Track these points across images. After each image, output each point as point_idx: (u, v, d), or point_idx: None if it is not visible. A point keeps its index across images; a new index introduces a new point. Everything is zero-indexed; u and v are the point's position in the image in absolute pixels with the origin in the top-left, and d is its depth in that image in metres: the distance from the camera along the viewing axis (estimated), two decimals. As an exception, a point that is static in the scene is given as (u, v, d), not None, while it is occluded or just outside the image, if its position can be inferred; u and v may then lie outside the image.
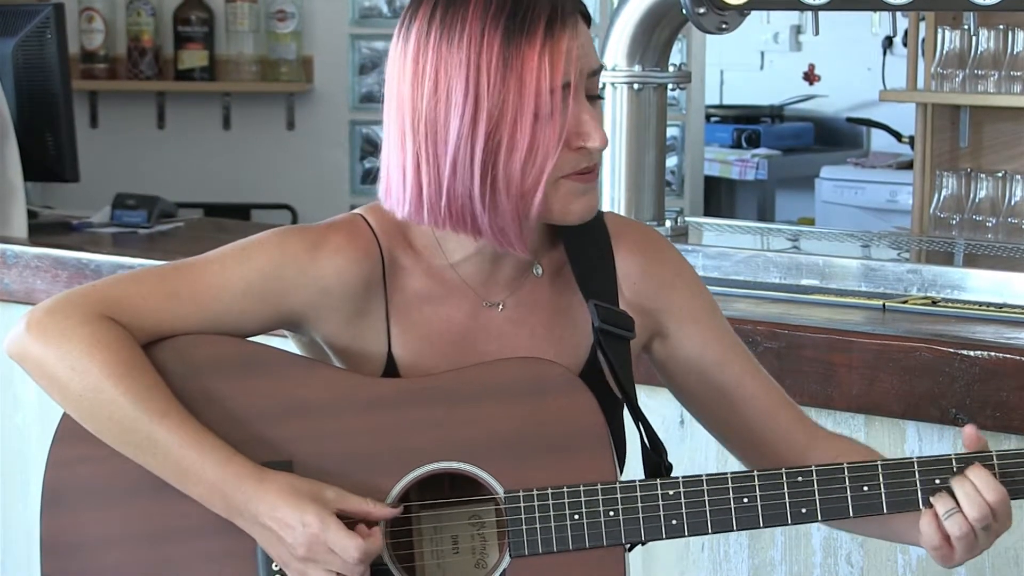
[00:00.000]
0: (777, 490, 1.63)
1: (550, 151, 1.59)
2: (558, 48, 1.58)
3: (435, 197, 1.62)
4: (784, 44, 6.64)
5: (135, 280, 1.68)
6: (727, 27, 2.68)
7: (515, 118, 1.58)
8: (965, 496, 1.62)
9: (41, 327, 1.63)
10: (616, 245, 1.75)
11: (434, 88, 1.60)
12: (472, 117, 1.58)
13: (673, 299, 1.76)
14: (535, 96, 1.57)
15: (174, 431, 1.61)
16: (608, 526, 1.63)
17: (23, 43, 3.33)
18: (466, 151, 1.59)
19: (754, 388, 1.77)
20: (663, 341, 1.77)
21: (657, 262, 1.77)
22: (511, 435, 1.64)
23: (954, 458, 1.64)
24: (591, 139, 1.61)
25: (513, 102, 1.58)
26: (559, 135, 1.59)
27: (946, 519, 1.62)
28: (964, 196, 4.26)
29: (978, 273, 2.46)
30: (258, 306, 1.67)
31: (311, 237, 1.68)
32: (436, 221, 1.64)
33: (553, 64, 1.58)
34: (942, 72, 4.31)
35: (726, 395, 1.77)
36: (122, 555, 1.66)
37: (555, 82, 1.58)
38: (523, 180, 1.59)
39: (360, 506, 1.61)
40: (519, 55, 1.58)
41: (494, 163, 1.59)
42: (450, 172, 1.60)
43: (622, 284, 1.75)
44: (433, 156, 1.61)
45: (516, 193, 1.60)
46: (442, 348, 1.70)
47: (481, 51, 1.58)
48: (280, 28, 5.44)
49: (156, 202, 3.37)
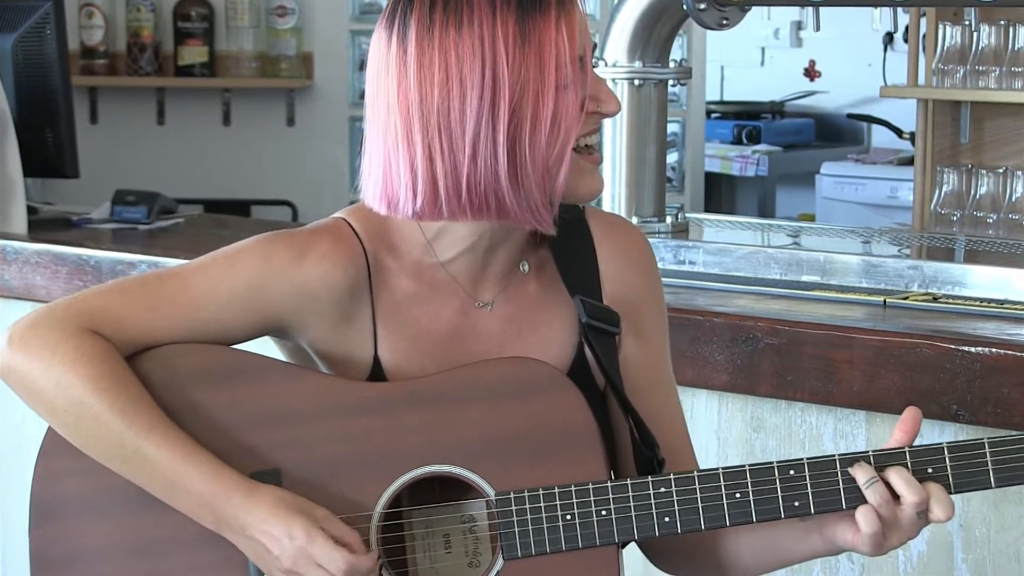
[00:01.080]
0: (769, 484, 1.62)
1: (573, 121, 1.61)
2: (572, 20, 1.61)
3: (453, 187, 1.61)
4: (785, 40, 6.64)
5: (118, 291, 1.67)
6: (728, 23, 2.68)
7: (537, 92, 1.59)
8: (903, 483, 1.60)
9: (24, 342, 1.62)
10: (598, 242, 1.76)
11: (445, 77, 1.59)
12: (492, 98, 1.59)
13: (639, 312, 1.76)
14: (555, 69, 1.60)
15: (161, 445, 1.60)
16: (600, 525, 1.62)
17: (23, 39, 3.33)
18: (487, 133, 1.59)
19: (669, 424, 1.77)
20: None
21: (637, 268, 1.77)
22: (501, 436, 1.63)
23: (946, 447, 1.63)
24: (607, 104, 1.65)
25: (535, 77, 1.59)
26: (580, 104, 1.61)
27: (867, 488, 1.60)
28: (965, 192, 4.26)
29: (979, 269, 2.46)
30: (243, 314, 1.66)
31: (296, 244, 1.67)
32: (454, 213, 1.63)
33: (570, 35, 1.61)
34: (943, 68, 4.31)
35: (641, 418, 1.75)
36: (112, 568, 1.65)
37: (573, 53, 1.61)
38: (548, 153, 1.61)
39: (343, 535, 1.59)
40: (536, 30, 1.60)
41: (518, 140, 1.60)
42: (470, 158, 1.60)
43: (604, 280, 1.75)
44: (448, 146, 1.60)
45: (542, 167, 1.61)
46: (429, 348, 1.69)
47: (496, 30, 1.59)
48: (280, 24, 5.44)
49: (156, 198, 3.37)
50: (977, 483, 1.62)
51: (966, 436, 2.12)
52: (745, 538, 1.72)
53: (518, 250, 1.72)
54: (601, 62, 2.70)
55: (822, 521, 1.65)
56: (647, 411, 1.74)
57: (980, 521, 2.12)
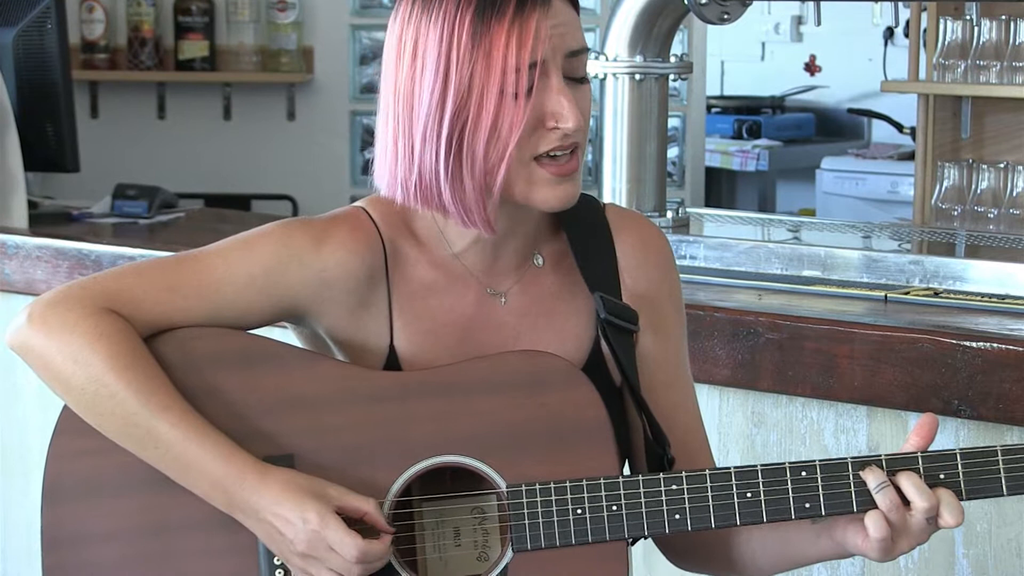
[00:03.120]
0: (781, 485, 1.62)
1: (514, 130, 1.58)
2: (527, 26, 1.57)
3: (407, 172, 1.62)
4: (785, 35, 6.64)
5: (137, 272, 1.67)
6: (729, 18, 2.68)
7: (481, 95, 1.57)
8: (913, 487, 1.60)
9: (43, 319, 1.62)
10: (617, 238, 1.75)
11: (411, 62, 1.61)
12: (442, 92, 1.58)
13: (657, 307, 1.76)
14: (501, 74, 1.57)
15: (176, 425, 1.60)
16: (611, 520, 1.62)
17: (24, 33, 3.33)
18: (434, 126, 1.59)
19: (684, 421, 1.77)
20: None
21: (654, 265, 1.77)
22: (513, 428, 1.63)
23: (959, 453, 1.62)
24: (564, 120, 1.60)
25: (480, 78, 1.57)
26: (523, 114, 1.58)
27: (877, 492, 1.60)
28: (965, 187, 4.26)
29: (980, 264, 2.46)
30: (260, 299, 1.67)
31: (314, 231, 1.68)
32: (407, 198, 1.64)
33: (521, 42, 1.57)
34: (944, 63, 4.31)
35: (657, 415, 1.74)
36: (123, 548, 1.65)
37: (522, 60, 1.57)
38: (487, 157, 1.59)
39: (359, 505, 1.60)
40: (488, 32, 1.57)
41: (459, 139, 1.59)
42: (420, 147, 1.61)
43: (623, 276, 1.75)
44: (408, 131, 1.61)
45: (480, 170, 1.59)
46: (444, 339, 1.69)
47: (454, 26, 1.58)
48: (280, 18, 5.44)
49: (157, 192, 3.37)
50: (988, 490, 1.61)
51: (968, 431, 2.12)
52: (758, 538, 1.72)
53: (528, 242, 1.72)
54: (602, 56, 2.70)
55: (832, 524, 1.65)
56: (664, 408, 1.74)
57: (981, 517, 2.12)
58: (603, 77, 2.71)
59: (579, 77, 1.63)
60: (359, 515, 1.60)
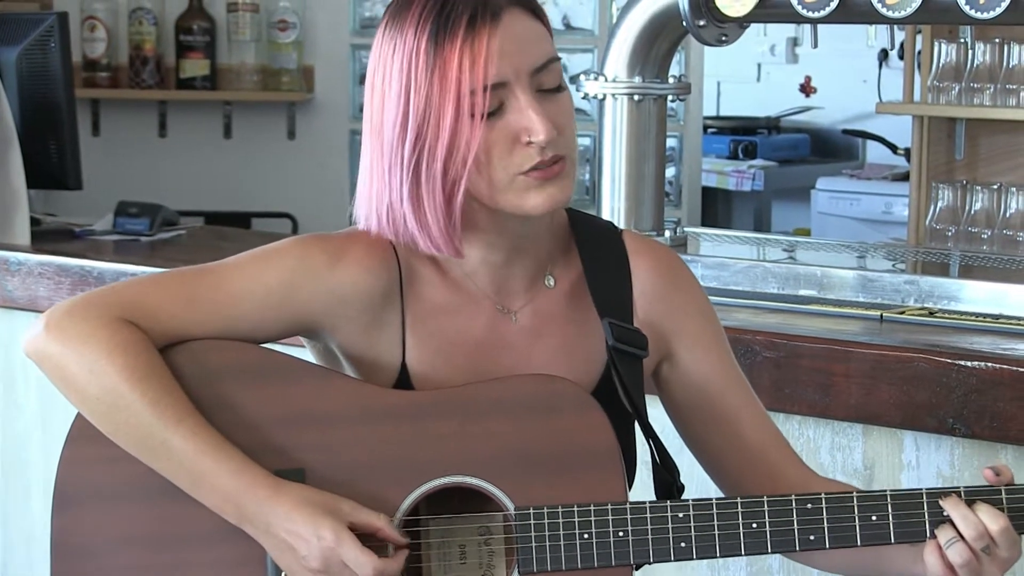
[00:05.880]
0: (786, 516, 1.62)
1: (470, 152, 1.58)
2: (479, 46, 1.57)
3: (379, 201, 1.65)
4: (781, 56, 6.66)
5: (154, 284, 1.68)
6: (727, 39, 2.70)
7: (438, 118, 1.58)
8: (962, 519, 1.61)
9: (60, 328, 1.63)
10: (634, 263, 1.75)
11: (380, 89, 1.62)
12: (403, 118, 1.60)
13: (686, 324, 1.76)
14: (456, 97, 1.57)
15: (189, 438, 1.61)
16: (617, 546, 1.62)
17: (27, 51, 3.34)
18: (397, 152, 1.61)
19: (750, 421, 1.77)
20: (671, 363, 1.77)
21: (673, 286, 1.77)
22: (523, 451, 1.64)
23: (963, 491, 1.64)
24: (535, 134, 1.59)
25: (437, 103, 1.58)
26: (479, 136, 1.57)
27: (948, 548, 1.61)
28: (960, 208, 4.28)
29: (975, 284, 2.47)
30: (275, 313, 1.68)
31: (332, 247, 1.69)
32: (381, 228, 1.65)
33: (473, 63, 1.57)
34: (938, 85, 4.33)
35: (721, 424, 1.76)
36: (132, 558, 1.66)
37: (475, 82, 1.57)
38: (445, 181, 1.60)
39: (371, 520, 1.61)
40: (441, 54, 1.57)
41: (418, 164, 1.60)
42: (388, 175, 1.62)
43: (637, 302, 1.75)
44: (380, 159, 1.63)
45: (440, 195, 1.60)
46: (457, 359, 1.70)
47: (412, 51, 1.59)
48: (281, 38, 5.46)
49: (158, 210, 3.38)
50: None
51: (963, 450, 2.14)
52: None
53: (539, 263, 1.72)
54: (601, 77, 2.72)
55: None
56: (729, 412, 1.75)
57: None
58: (602, 97, 2.73)
59: (551, 88, 1.62)
60: (371, 531, 1.60)
